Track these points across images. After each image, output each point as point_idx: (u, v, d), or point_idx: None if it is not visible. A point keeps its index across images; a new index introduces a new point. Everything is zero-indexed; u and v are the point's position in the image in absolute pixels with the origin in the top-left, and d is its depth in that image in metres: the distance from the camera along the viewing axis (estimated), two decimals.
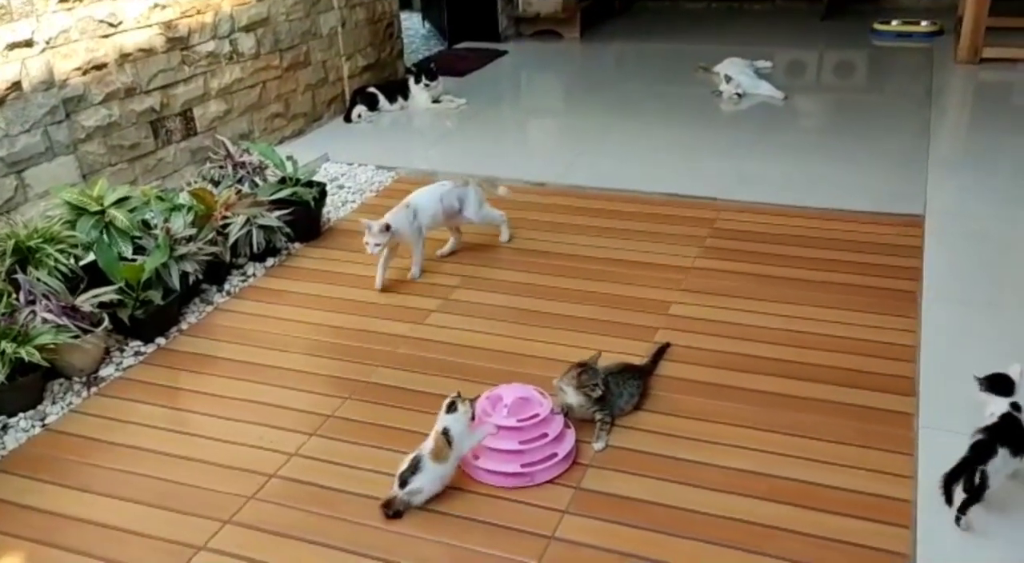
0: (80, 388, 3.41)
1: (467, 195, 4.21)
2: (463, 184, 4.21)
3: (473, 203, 4.23)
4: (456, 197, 4.18)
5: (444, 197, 4.13)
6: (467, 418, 2.78)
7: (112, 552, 2.64)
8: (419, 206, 4.06)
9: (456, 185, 4.19)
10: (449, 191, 4.16)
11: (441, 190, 4.15)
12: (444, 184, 4.19)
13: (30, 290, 3.31)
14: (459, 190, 4.19)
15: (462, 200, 4.19)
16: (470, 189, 4.22)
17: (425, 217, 4.07)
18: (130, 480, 2.93)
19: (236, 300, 4.07)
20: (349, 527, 2.70)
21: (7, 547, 2.66)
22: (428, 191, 4.14)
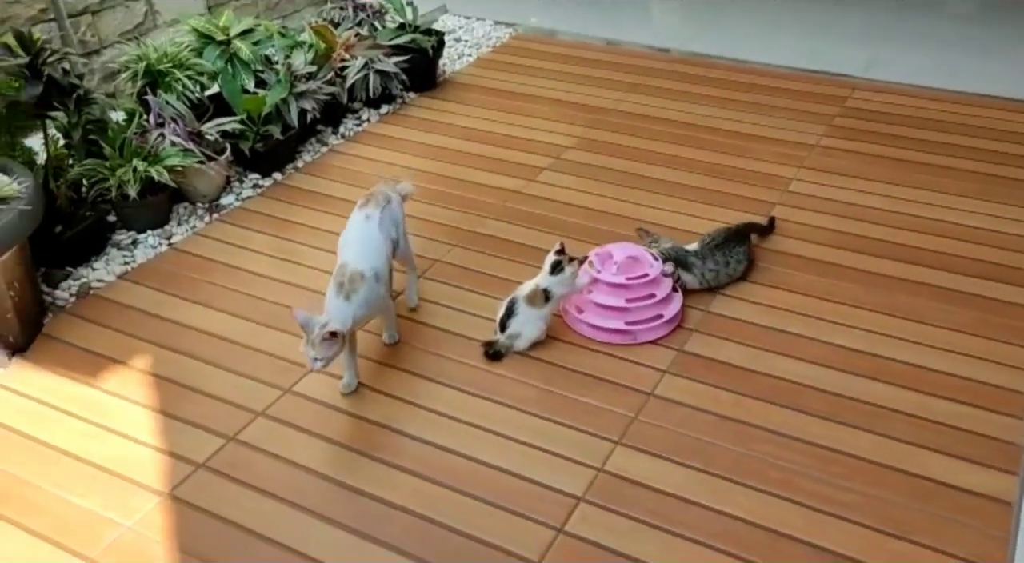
0: (203, 213, 3.55)
1: (398, 213, 2.85)
2: (384, 199, 2.77)
3: (402, 225, 2.89)
4: (392, 220, 2.79)
5: (382, 224, 2.72)
6: (570, 281, 2.78)
7: (227, 361, 2.79)
8: (372, 263, 2.61)
9: (378, 200, 2.76)
10: (380, 213, 2.72)
11: (374, 217, 2.71)
12: (367, 210, 2.73)
13: (159, 113, 3.40)
14: (389, 209, 2.77)
15: (397, 224, 2.83)
16: (395, 200, 2.85)
17: (381, 267, 2.65)
18: (245, 300, 3.08)
19: (350, 143, 4.11)
20: (451, 364, 2.78)
21: (137, 348, 2.84)
22: (361, 232, 2.69)
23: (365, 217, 2.72)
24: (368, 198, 2.79)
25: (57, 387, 2.69)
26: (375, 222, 2.71)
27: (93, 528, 2.24)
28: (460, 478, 2.37)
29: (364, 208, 2.75)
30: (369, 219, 2.72)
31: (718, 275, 3.01)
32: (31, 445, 2.49)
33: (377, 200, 2.77)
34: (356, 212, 2.77)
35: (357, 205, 2.79)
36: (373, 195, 2.80)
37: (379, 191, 2.82)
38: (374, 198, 2.78)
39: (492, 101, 4.47)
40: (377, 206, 2.75)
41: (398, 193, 2.89)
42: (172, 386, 2.70)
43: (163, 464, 2.43)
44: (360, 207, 2.77)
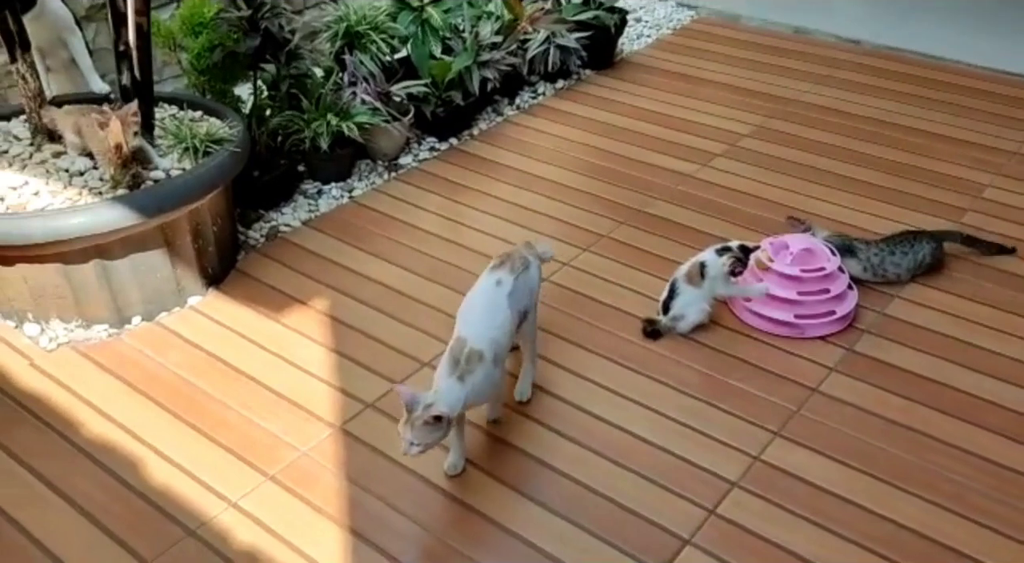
0: (382, 170, 3.72)
1: (535, 280, 2.51)
2: (521, 264, 2.41)
3: (536, 294, 2.54)
4: (526, 289, 2.44)
5: (513, 294, 2.36)
6: (725, 269, 2.75)
7: (400, 313, 2.94)
8: (494, 341, 2.26)
9: (514, 264, 2.40)
10: (515, 281, 2.37)
11: (506, 284, 2.35)
12: (500, 274, 2.37)
13: (353, 72, 3.58)
14: (525, 276, 2.42)
15: (531, 293, 2.49)
16: (534, 266, 2.50)
17: (503, 347, 2.31)
18: (419, 257, 3.21)
19: (525, 115, 4.19)
20: (609, 336, 2.82)
21: (317, 291, 3.03)
22: (489, 301, 2.34)
23: (496, 283, 2.36)
24: (503, 259, 2.42)
25: (246, 318, 2.91)
26: (506, 291, 2.34)
27: (273, 449, 2.42)
28: (617, 449, 2.41)
29: (497, 271, 2.38)
30: (500, 286, 2.35)
31: (883, 261, 2.91)
32: (222, 367, 2.70)
33: (513, 264, 2.40)
34: (487, 274, 2.41)
35: (490, 265, 2.43)
36: (510, 257, 2.43)
37: (517, 253, 2.46)
38: (510, 261, 2.41)
39: (669, 83, 4.45)
40: (512, 271, 2.38)
41: (537, 256, 2.55)
42: (346, 328, 2.87)
43: (336, 399, 2.59)
44: (492, 269, 2.40)
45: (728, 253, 2.75)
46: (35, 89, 2.75)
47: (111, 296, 2.79)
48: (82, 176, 2.78)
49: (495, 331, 2.28)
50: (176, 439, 2.45)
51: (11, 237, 2.57)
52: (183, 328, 2.86)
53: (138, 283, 2.81)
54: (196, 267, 2.94)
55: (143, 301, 2.86)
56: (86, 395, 2.59)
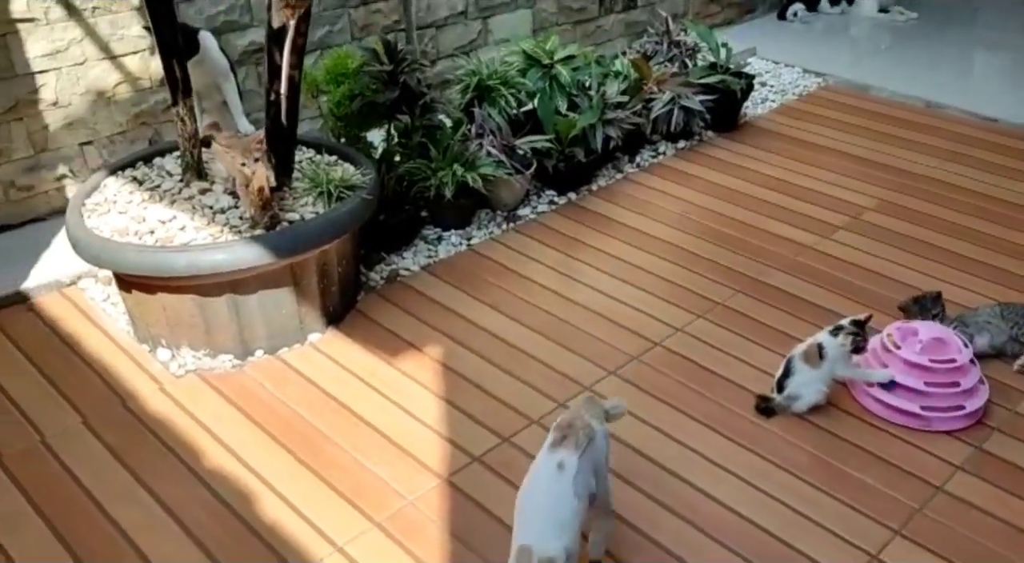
0: (501, 220, 3.79)
1: (602, 450, 2.15)
2: (585, 436, 2.07)
3: (605, 465, 2.19)
4: (592, 464, 2.08)
5: (579, 477, 2.02)
6: (844, 349, 2.68)
7: (511, 366, 2.96)
8: (564, 541, 1.93)
9: (577, 438, 2.05)
10: (580, 461, 2.03)
11: (569, 468, 2.01)
12: (561, 454, 2.03)
13: (481, 124, 3.68)
14: (592, 449, 2.08)
15: (598, 467, 2.12)
16: (600, 433, 2.15)
17: (574, 544, 1.96)
18: (532, 310, 3.25)
19: (644, 173, 4.20)
20: (719, 408, 2.78)
21: (432, 337, 3.10)
22: (551, 493, 2.01)
23: (558, 467, 2.01)
24: (564, 432, 2.07)
25: (362, 359, 2.99)
26: (570, 476, 1.99)
27: (381, 495, 2.47)
28: (721, 529, 2.36)
29: (557, 451, 2.04)
30: (563, 471, 2.00)
31: (1018, 330, 2.86)
32: (337, 407, 2.78)
33: (577, 438, 2.05)
34: (545, 456, 2.06)
35: (548, 442, 2.08)
36: (572, 428, 2.08)
37: (578, 420, 2.10)
38: (573, 434, 2.06)
39: (792, 150, 4.39)
40: (576, 448, 2.03)
41: (603, 417, 2.19)
42: (458, 378, 2.91)
43: (444, 450, 2.63)
44: (551, 448, 2.05)
45: (842, 332, 2.69)
46: (191, 131, 2.93)
47: (239, 329, 2.92)
48: (224, 214, 2.94)
49: (563, 528, 1.95)
50: (289, 476, 2.52)
51: (158, 269, 2.72)
52: (302, 364, 2.96)
53: (264, 318, 2.94)
54: (319, 306, 3.05)
55: (267, 336, 2.98)
56: (208, 423, 2.70)
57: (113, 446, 2.59)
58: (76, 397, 2.78)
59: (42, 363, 2.91)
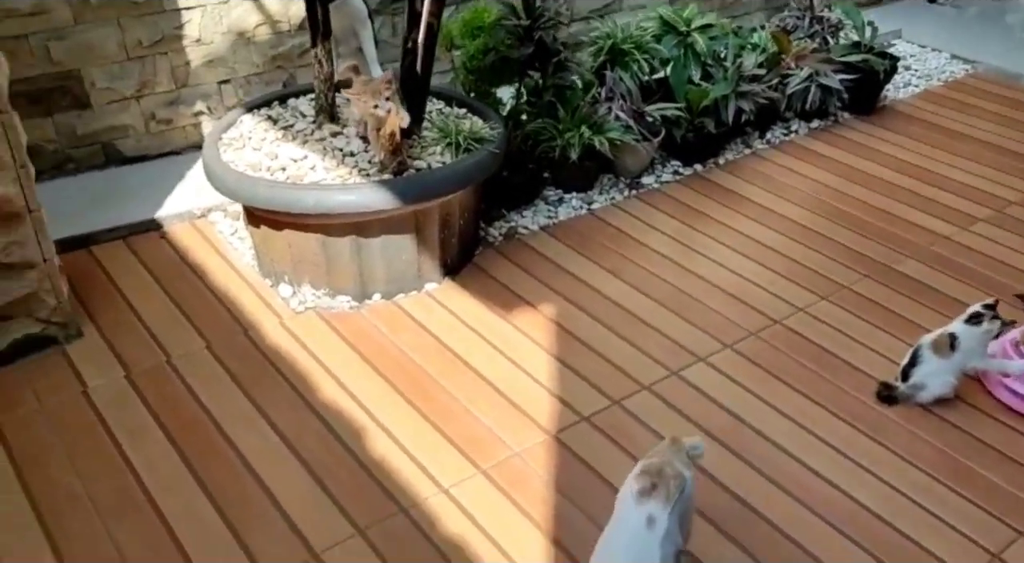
0: (623, 187, 3.72)
1: (690, 495, 1.95)
2: (677, 486, 1.86)
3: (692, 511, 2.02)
4: (683, 514, 1.92)
5: (670, 535, 1.85)
6: (987, 337, 2.53)
7: (625, 331, 2.92)
8: None
9: (668, 490, 1.85)
10: (670, 515, 1.84)
11: (659, 522, 1.83)
12: (650, 507, 1.83)
13: (612, 88, 3.62)
14: (683, 500, 1.89)
15: (685, 516, 1.95)
16: (690, 481, 1.93)
17: None
18: (648, 278, 3.19)
19: (774, 150, 4.05)
20: (837, 391, 2.67)
21: (546, 296, 3.08)
22: (636, 549, 1.84)
23: (647, 522, 1.81)
24: (654, 480, 1.85)
25: (476, 311, 3.00)
26: (659, 535, 1.80)
27: (488, 444, 2.48)
28: (835, 513, 2.28)
29: (646, 502, 1.83)
30: (653, 529, 1.80)
31: None
32: (449, 356, 2.80)
33: (667, 489, 1.84)
34: (633, 506, 1.85)
35: (634, 490, 1.86)
36: (662, 477, 1.85)
37: (669, 467, 1.88)
38: (664, 485, 1.84)
39: (933, 137, 4.16)
40: (667, 501, 1.82)
41: (687, 459, 1.96)
42: (571, 338, 2.89)
43: (553, 407, 2.61)
44: (640, 497, 1.84)
45: (984, 318, 2.54)
46: (327, 73, 2.98)
47: (359, 271, 2.96)
48: (354, 157, 2.98)
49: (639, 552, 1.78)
50: (399, 416, 2.56)
51: (287, 205, 2.78)
52: (417, 312, 2.99)
53: (385, 263, 2.97)
54: (438, 256, 3.07)
55: (386, 281, 3.01)
56: (324, 359, 2.76)
57: (234, 372, 2.68)
58: (201, 323, 2.88)
59: (171, 288, 3.03)
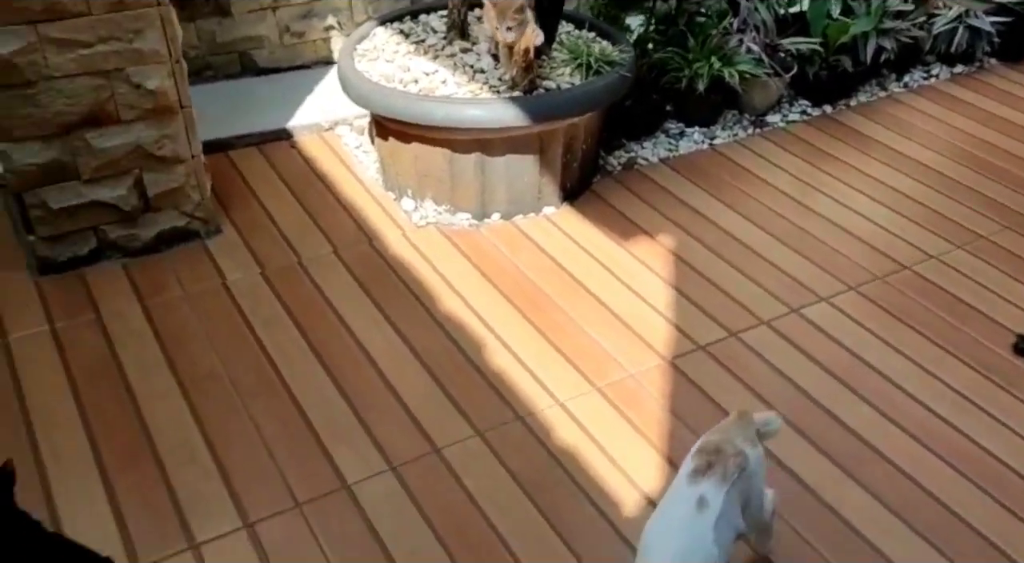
0: (748, 124, 3.63)
1: (755, 476, 1.77)
2: (737, 466, 1.69)
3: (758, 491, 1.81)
4: (740, 496, 1.72)
5: (723, 519, 1.66)
6: None
7: (743, 266, 2.88)
8: None
9: (726, 468, 1.68)
10: (725, 497, 1.67)
11: (712, 506, 1.65)
12: (703, 487, 1.66)
13: (746, 19, 3.50)
14: (743, 480, 1.71)
15: (748, 498, 1.76)
16: (754, 460, 1.75)
17: None
18: (769, 215, 3.12)
19: (911, 94, 3.87)
20: (970, 341, 2.58)
21: (664, 227, 3.05)
22: (687, 535, 1.65)
23: (698, 504, 1.64)
24: (710, 458, 1.69)
25: (593, 237, 3.00)
26: (712, 518, 1.64)
27: (602, 363, 2.49)
28: (955, 454, 2.23)
29: (700, 482, 1.66)
30: (704, 511, 1.64)
31: None
32: (565, 277, 2.81)
33: (725, 468, 1.67)
34: (685, 484, 1.68)
35: (689, 468, 1.70)
36: (720, 454, 1.69)
37: (728, 445, 1.71)
38: (720, 463, 1.68)
39: None
40: (723, 480, 1.66)
41: (755, 437, 1.78)
42: (688, 268, 2.86)
43: (669, 333, 2.60)
44: (692, 477, 1.68)
45: None
46: None
47: (481, 189, 2.99)
48: (484, 74, 2.98)
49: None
50: (516, 331, 2.59)
51: (416, 116, 2.82)
52: (535, 233, 3.01)
53: (506, 183, 2.99)
54: (558, 179, 3.07)
55: (506, 201, 3.03)
56: (444, 272, 2.81)
57: (360, 277, 2.76)
58: (328, 230, 2.97)
59: (300, 195, 3.12)
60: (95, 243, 2.66)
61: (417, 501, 2.06)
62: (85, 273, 2.67)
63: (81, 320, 2.51)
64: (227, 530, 1.97)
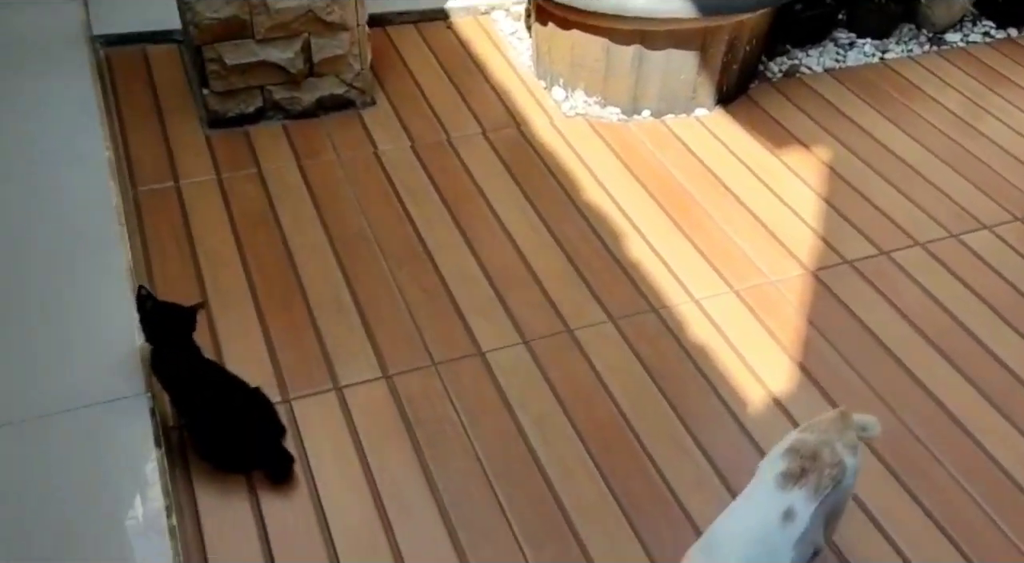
0: (924, 40, 3.40)
1: (846, 487, 1.57)
2: (832, 477, 1.50)
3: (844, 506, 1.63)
4: (832, 509, 1.56)
5: (807, 536, 1.49)
6: None
7: (901, 184, 2.76)
8: None
9: (821, 479, 1.49)
10: (814, 512, 1.48)
11: (800, 520, 1.47)
12: (791, 496, 1.48)
13: None
14: (837, 493, 1.53)
15: (837, 510, 1.60)
16: (850, 470, 1.55)
17: None
18: (935, 134, 2.97)
19: None
20: None
21: (820, 138, 2.93)
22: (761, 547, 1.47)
23: (784, 516, 1.46)
24: (805, 465, 1.49)
25: (744, 142, 2.91)
26: (797, 533, 1.46)
27: (742, 267, 2.46)
28: None
29: (790, 491, 1.47)
30: (790, 524, 1.46)
31: None
32: (712, 180, 2.77)
33: (819, 478, 1.48)
34: (771, 490, 1.50)
35: (778, 468, 1.51)
36: (817, 462, 1.49)
37: (827, 450, 1.51)
38: (816, 472, 1.48)
39: None
40: (816, 493, 1.47)
41: (854, 440, 1.57)
42: (841, 182, 2.76)
43: (815, 245, 2.54)
44: (782, 482, 1.49)
45: None
46: None
47: (634, 83, 2.94)
48: None
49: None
50: (657, 226, 2.58)
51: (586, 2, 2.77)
52: (685, 133, 2.95)
53: (662, 79, 2.92)
54: (715, 80, 2.98)
55: (658, 98, 2.97)
56: (589, 163, 2.80)
57: (506, 160, 2.79)
58: (478, 111, 2.98)
59: (453, 75, 3.14)
60: (261, 102, 2.78)
61: (547, 374, 2.12)
62: (249, 130, 2.80)
63: (244, 173, 2.65)
64: (368, 378, 2.08)
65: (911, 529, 1.84)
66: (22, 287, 2.07)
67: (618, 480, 1.90)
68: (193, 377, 1.88)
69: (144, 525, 1.52)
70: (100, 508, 1.56)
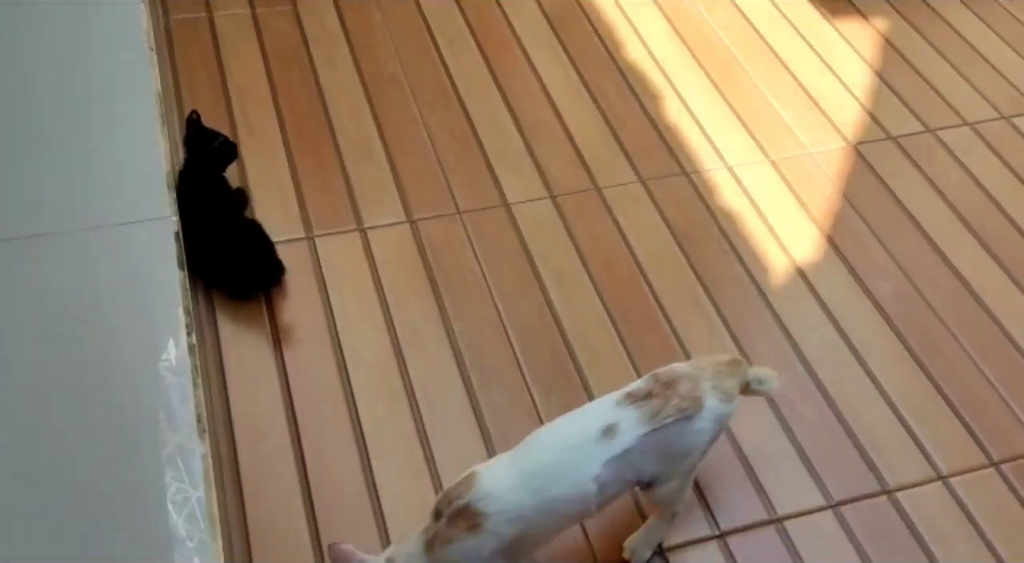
0: None
1: (701, 435, 1.41)
2: (679, 409, 1.36)
3: (695, 456, 1.44)
4: (669, 450, 1.40)
5: (626, 453, 1.34)
6: None
7: (962, 66, 2.64)
8: (515, 513, 1.30)
9: (666, 406, 1.35)
10: (638, 433, 1.34)
11: (611, 434, 1.34)
12: (624, 412, 1.36)
13: None
14: (679, 429, 1.37)
15: (674, 458, 1.42)
16: (712, 412, 1.40)
17: (523, 539, 1.33)
18: (1009, 20, 2.81)
19: None
20: None
21: (880, 9, 2.79)
22: (565, 445, 1.36)
23: (605, 428, 1.34)
24: (654, 389, 1.38)
25: (800, 9, 2.77)
26: (607, 455, 1.33)
27: (781, 136, 2.39)
28: None
29: (624, 408, 1.36)
30: (608, 439, 1.33)
31: None
32: (761, 46, 2.65)
33: (664, 404, 1.35)
34: (607, 404, 1.39)
35: (625, 388, 1.41)
36: (671, 389, 1.37)
37: (687, 382, 1.39)
38: (663, 397, 1.36)
39: None
40: (652, 418, 1.34)
41: (736, 390, 1.44)
42: (897, 58, 2.64)
43: (861, 120, 2.45)
44: (622, 399, 1.38)
45: None
46: None
47: None
48: None
49: (536, 505, 1.31)
50: (697, 89, 2.50)
51: None
52: None
53: None
54: None
55: None
56: (633, 20, 2.69)
57: (548, 13, 2.67)
58: None
59: None
60: None
61: (571, 229, 2.12)
62: None
63: (279, 9, 2.59)
64: (392, 221, 2.10)
65: (918, 402, 1.85)
66: (52, 106, 2.08)
67: (632, 334, 1.92)
68: (207, 212, 1.91)
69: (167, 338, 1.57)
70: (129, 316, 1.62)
